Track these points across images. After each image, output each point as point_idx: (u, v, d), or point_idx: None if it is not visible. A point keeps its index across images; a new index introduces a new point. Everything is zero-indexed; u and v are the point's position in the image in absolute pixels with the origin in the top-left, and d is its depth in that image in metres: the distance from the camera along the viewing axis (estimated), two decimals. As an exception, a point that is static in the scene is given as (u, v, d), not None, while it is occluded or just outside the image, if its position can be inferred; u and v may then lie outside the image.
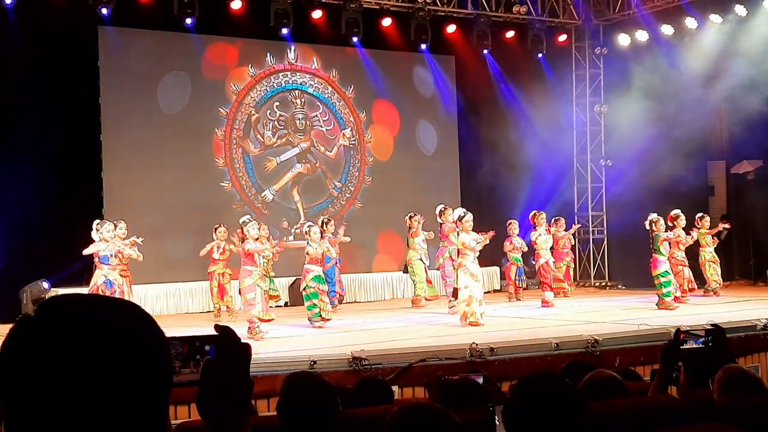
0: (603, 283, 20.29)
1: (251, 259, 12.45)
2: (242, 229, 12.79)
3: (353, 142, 19.29)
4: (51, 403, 1.21)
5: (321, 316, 13.07)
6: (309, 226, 13.61)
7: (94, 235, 13.21)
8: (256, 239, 12.72)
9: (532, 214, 16.34)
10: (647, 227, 14.67)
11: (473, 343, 9.72)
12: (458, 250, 13.26)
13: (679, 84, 18.08)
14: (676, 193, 17.08)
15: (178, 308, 16.26)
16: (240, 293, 12.64)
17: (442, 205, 15.67)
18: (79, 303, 1.30)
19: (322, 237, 13.90)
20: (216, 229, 14.97)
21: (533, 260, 16.53)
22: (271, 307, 14.63)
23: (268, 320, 12.36)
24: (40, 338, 1.24)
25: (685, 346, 4.55)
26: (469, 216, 13.19)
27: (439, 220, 15.55)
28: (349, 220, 18.39)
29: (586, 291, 19.25)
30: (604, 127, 20.84)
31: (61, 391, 1.21)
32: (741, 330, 10.99)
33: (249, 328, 12.01)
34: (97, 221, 13.49)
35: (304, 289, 13.30)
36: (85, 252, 13.15)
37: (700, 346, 4.55)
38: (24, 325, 1.27)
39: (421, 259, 16.11)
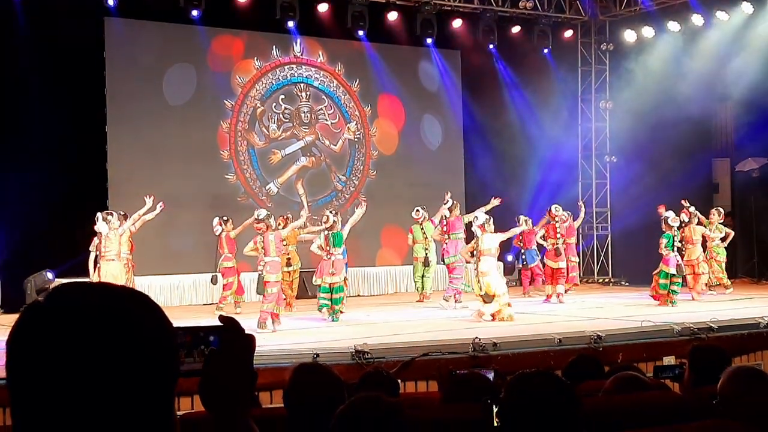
0: (606, 280, 20.27)
1: (279, 251, 12.63)
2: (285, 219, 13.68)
3: (358, 135, 19.29)
4: (58, 390, 1.22)
5: (342, 311, 13.25)
6: (335, 216, 13.66)
7: (101, 225, 13.14)
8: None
9: (550, 209, 16.42)
10: None
11: (476, 337, 9.72)
12: (479, 253, 13.23)
13: (684, 81, 18.04)
14: (680, 190, 17.04)
15: (181, 300, 16.29)
16: (265, 285, 12.42)
17: (452, 201, 15.58)
18: (88, 290, 1.30)
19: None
20: (227, 221, 14.72)
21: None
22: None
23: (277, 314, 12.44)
24: (48, 325, 1.25)
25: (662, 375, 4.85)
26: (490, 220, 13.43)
27: (448, 214, 15.42)
28: (352, 213, 18.38)
29: (590, 287, 19.24)
30: (609, 123, 20.80)
31: (68, 378, 1.22)
32: (744, 328, 10.98)
33: (261, 321, 12.06)
34: (100, 213, 13.44)
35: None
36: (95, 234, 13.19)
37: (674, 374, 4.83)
38: (33, 312, 1.27)
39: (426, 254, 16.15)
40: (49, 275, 15.33)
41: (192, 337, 1.59)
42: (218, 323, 1.62)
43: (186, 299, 16.39)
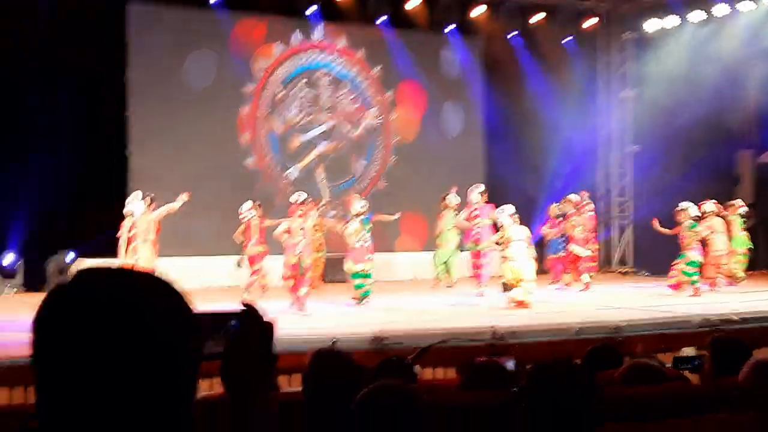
0: (626, 270, 20.19)
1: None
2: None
3: (378, 122, 19.27)
4: (82, 371, 1.23)
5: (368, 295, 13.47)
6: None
7: (138, 205, 13.03)
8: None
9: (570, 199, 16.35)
10: None
11: (494, 325, 9.70)
12: (507, 240, 13.21)
13: (708, 71, 17.89)
14: (702, 181, 16.94)
15: (201, 283, 16.29)
16: (303, 270, 12.64)
17: (483, 186, 15.52)
18: (114, 274, 1.31)
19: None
20: (259, 206, 14.64)
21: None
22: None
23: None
24: (73, 307, 1.25)
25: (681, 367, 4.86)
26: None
27: (479, 198, 15.28)
28: (372, 199, 18.37)
29: (610, 277, 19.18)
30: (630, 113, 20.69)
31: (92, 360, 1.22)
32: (764, 320, 10.89)
33: (302, 304, 12.39)
34: (139, 192, 13.38)
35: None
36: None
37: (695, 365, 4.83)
38: (59, 294, 1.28)
39: None
40: (70, 255, 15.48)
41: (213, 322, 1.59)
42: (240, 307, 1.63)
43: (205, 282, 16.39)
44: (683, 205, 14.67)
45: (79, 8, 15.18)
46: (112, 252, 13.21)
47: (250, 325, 1.61)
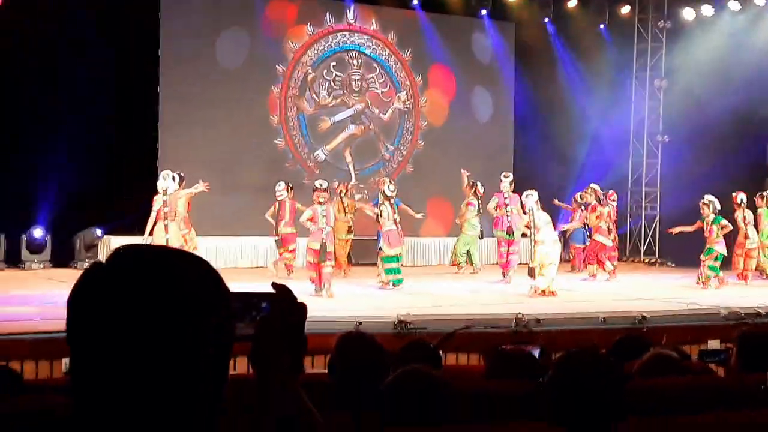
0: (652, 260, 20.07)
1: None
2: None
3: (408, 105, 19.22)
4: (117, 348, 1.24)
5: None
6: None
7: (170, 183, 12.99)
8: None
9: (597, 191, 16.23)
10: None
11: (519, 313, 9.67)
12: (536, 227, 13.19)
13: (743, 62, 17.69)
14: (732, 173, 16.77)
15: (227, 263, 16.35)
16: (327, 255, 12.69)
17: (512, 176, 15.51)
18: (152, 253, 1.32)
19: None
20: (292, 188, 14.71)
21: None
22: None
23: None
24: (111, 285, 1.27)
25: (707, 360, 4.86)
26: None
27: (509, 187, 15.28)
28: (399, 183, 18.34)
29: (636, 267, 19.08)
30: (662, 102, 20.51)
31: (127, 337, 1.24)
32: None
33: (328, 284, 12.40)
34: (169, 171, 13.33)
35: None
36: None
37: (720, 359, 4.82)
38: (96, 272, 1.29)
39: None
40: (98, 232, 15.59)
41: (244, 303, 1.59)
42: (271, 289, 1.63)
43: (231, 261, 16.46)
44: (707, 198, 14.52)
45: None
46: (140, 229, 13.24)
47: (282, 308, 1.61)
